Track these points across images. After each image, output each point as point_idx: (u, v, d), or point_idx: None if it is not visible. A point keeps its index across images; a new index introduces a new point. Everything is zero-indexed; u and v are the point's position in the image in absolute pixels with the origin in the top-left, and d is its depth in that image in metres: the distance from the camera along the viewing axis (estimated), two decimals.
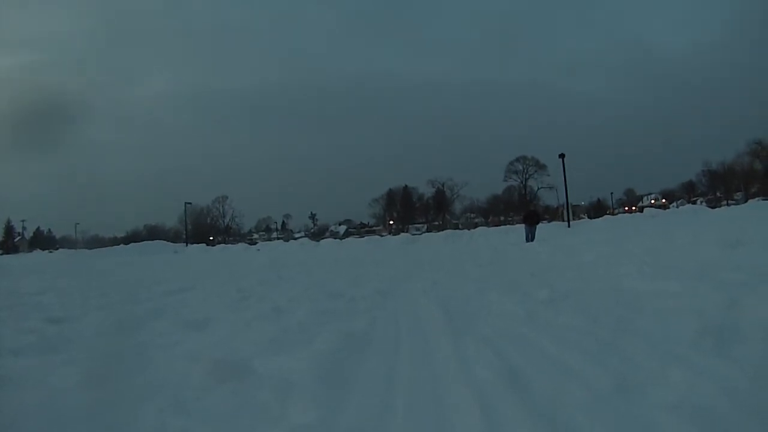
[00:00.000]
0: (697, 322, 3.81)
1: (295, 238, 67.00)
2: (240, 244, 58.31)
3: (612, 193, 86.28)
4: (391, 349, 4.28)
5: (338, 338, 4.47)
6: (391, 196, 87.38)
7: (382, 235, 61.95)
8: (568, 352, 3.62)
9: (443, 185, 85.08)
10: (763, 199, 50.50)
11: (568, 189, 44.21)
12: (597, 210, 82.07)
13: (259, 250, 44.49)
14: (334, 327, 5.06)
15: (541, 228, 26.41)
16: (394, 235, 57.43)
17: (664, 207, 69.68)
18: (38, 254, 53.19)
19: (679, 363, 3.07)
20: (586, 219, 60.41)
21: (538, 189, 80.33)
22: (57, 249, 60.11)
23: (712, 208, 48.11)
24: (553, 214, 74.68)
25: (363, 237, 58.05)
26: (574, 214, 57.51)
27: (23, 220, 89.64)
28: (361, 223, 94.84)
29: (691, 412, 2.43)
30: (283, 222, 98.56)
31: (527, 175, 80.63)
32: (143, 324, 5.76)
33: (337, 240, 52.56)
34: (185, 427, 2.67)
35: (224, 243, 65.82)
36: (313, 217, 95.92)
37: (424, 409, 2.82)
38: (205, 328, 5.44)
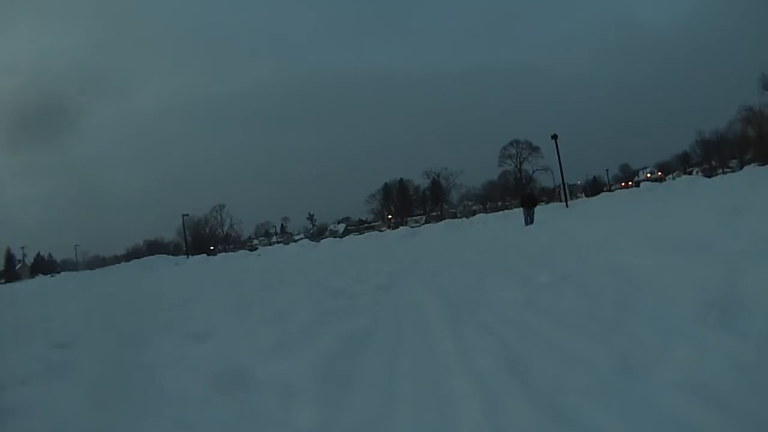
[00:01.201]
0: (700, 296, 3.74)
1: (295, 241, 66.97)
2: (240, 251, 58.27)
3: (607, 170, 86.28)
4: (392, 345, 4.29)
5: (340, 338, 4.50)
6: (387, 190, 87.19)
7: (381, 230, 62.10)
8: (569, 335, 3.61)
9: (438, 175, 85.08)
10: (759, 165, 50.39)
11: (563, 169, 44.30)
12: (594, 188, 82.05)
13: (260, 255, 44.47)
14: (335, 327, 5.10)
15: (540, 210, 26.41)
16: (393, 229, 57.34)
17: (660, 180, 69.78)
18: (41, 279, 52.98)
19: (683, 339, 3.02)
20: (584, 198, 60.40)
21: (534, 171, 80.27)
22: (59, 273, 60.05)
23: (708, 177, 48.12)
24: (550, 195, 74.76)
25: (362, 234, 58.18)
26: (571, 194, 57.55)
27: (23, 247, 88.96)
28: (360, 219, 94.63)
29: (697, 389, 2.39)
30: (282, 225, 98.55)
31: (521, 159, 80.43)
32: (147, 341, 5.75)
33: (337, 239, 52.55)
34: None
35: (225, 251, 65.75)
36: (311, 217, 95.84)
37: (426, 405, 2.81)
38: (208, 340, 5.42)
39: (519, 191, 59.94)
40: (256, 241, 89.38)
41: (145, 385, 3.80)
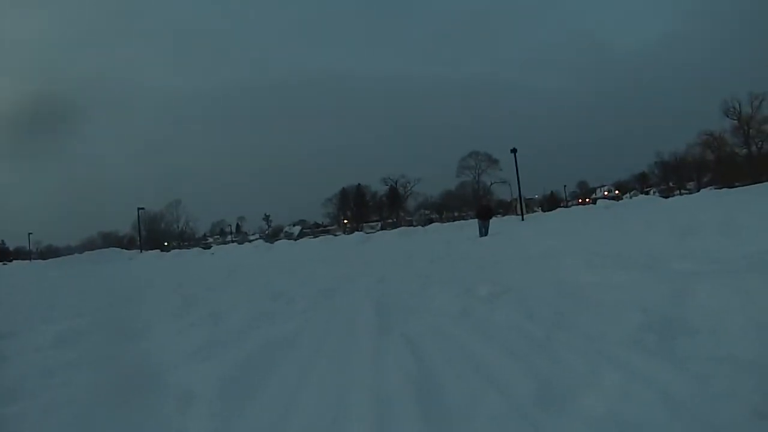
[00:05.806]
0: (640, 317, 3.67)
1: (250, 241, 66.34)
2: (194, 248, 57.39)
3: (565, 186, 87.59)
4: (309, 355, 4.14)
5: (263, 344, 4.43)
6: (344, 195, 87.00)
7: (336, 235, 61.90)
8: (493, 354, 3.47)
9: (396, 183, 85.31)
10: (715, 188, 51.75)
11: (520, 183, 44.99)
12: (550, 203, 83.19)
13: (213, 254, 43.90)
14: (263, 332, 5.04)
15: (495, 222, 26.72)
16: (349, 234, 57.45)
17: (617, 198, 71.04)
18: None
19: (613, 365, 2.84)
20: (540, 212, 61.31)
21: (492, 184, 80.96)
22: (11, 261, 58.66)
23: (665, 198, 49.00)
24: (506, 207, 75.65)
25: (317, 237, 57.77)
26: (527, 208, 58.45)
27: None
28: (316, 223, 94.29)
29: (620, 428, 2.17)
30: (238, 225, 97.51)
31: (480, 171, 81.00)
32: (82, 337, 5.68)
33: (292, 241, 52.36)
34: None
35: (179, 248, 64.61)
36: (267, 218, 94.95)
37: (319, 425, 2.70)
38: (140, 339, 5.40)
39: (476, 202, 60.51)
40: (210, 239, 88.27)
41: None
